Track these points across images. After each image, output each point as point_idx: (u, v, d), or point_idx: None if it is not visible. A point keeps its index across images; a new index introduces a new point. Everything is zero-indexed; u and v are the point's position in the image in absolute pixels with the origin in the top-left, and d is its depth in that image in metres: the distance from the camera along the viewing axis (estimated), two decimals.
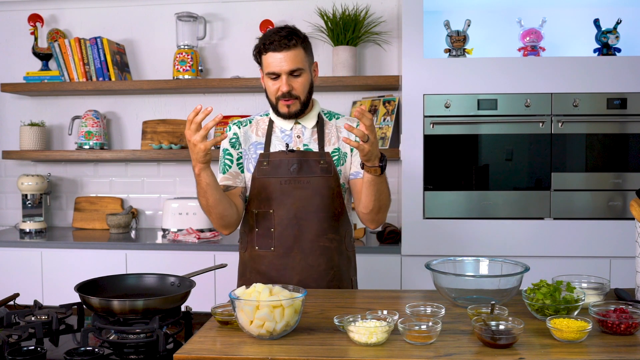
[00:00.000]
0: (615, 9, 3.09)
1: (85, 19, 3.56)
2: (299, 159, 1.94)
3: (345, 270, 2.03)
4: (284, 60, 1.87)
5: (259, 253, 1.97)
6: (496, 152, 2.85)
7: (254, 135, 2.02)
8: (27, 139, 3.43)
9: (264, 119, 2.05)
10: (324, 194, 1.93)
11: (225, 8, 3.48)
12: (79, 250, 3.04)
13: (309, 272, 1.94)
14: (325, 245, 1.95)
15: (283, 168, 1.93)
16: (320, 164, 1.94)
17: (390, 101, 3.19)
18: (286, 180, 1.92)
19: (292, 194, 1.92)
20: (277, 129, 2.00)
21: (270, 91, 1.95)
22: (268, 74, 1.91)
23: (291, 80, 1.90)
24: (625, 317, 1.35)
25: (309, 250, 1.93)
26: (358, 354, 1.25)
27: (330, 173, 1.95)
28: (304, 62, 1.91)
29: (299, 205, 1.92)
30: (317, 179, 1.93)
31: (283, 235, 1.93)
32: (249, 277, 1.99)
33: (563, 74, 2.79)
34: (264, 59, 1.93)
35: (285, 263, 1.94)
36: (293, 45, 1.87)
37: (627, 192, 2.80)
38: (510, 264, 1.68)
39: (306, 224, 1.93)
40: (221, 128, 3.32)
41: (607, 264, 2.79)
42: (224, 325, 1.46)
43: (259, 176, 1.95)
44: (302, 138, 1.98)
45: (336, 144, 1.99)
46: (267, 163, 1.94)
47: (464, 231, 2.83)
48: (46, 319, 1.66)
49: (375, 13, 3.34)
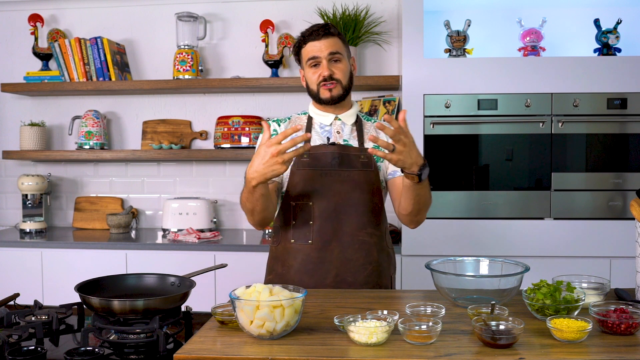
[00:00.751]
0: (615, 9, 3.09)
1: (85, 19, 3.57)
2: (340, 152, 1.93)
3: (386, 267, 2.01)
4: (323, 46, 1.91)
5: (294, 246, 1.94)
6: (496, 152, 2.85)
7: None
8: (27, 139, 3.43)
9: (302, 117, 2.06)
10: (364, 188, 1.93)
11: (225, 8, 3.48)
12: (79, 250, 3.04)
13: (347, 266, 1.91)
14: (365, 239, 1.93)
15: (323, 160, 1.92)
16: (361, 159, 1.94)
17: (391, 101, 3.19)
18: (326, 172, 1.91)
19: (332, 187, 1.91)
20: (317, 124, 2.01)
21: (311, 80, 1.95)
22: (309, 59, 1.93)
23: (331, 65, 1.92)
24: (625, 317, 1.35)
25: (348, 243, 1.91)
26: (358, 354, 1.25)
27: (371, 167, 1.94)
28: (342, 49, 1.95)
29: (339, 198, 1.91)
30: (357, 173, 1.92)
31: (322, 228, 1.91)
32: (281, 272, 1.96)
33: (563, 74, 2.79)
34: (303, 51, 1.95)
35: (323, 256, 1.91)
36: (331, 34, 1.92)
37: (627, 192, 2.80)
38: (510, 264, 1.68)
39: (346, 217, 1.91)
40: (221, 128, 3.32)
41: (607, 264, 2.79)
42: (224, 325, 1.46)
43: (299, 168, 1.93)
44: (342, 134, 1.98)
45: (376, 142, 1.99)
46: (307, 156, 1.93)
47: (464, 231, 2.83)
48: (46, 319, 1.66)
49: (375, 13, 3.34)
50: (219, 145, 3.30)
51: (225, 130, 3.29)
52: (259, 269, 2.88)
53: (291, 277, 1.93)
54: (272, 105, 3.45)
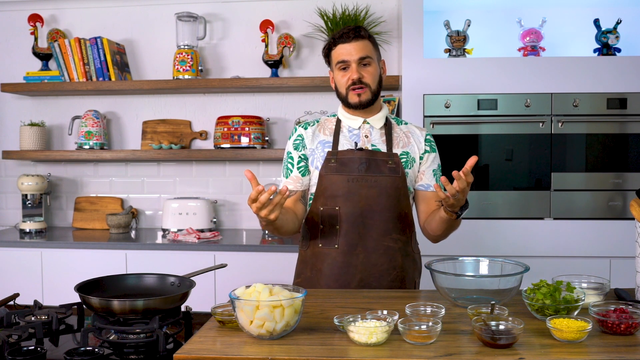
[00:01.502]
0: (615, 9, 3.09)
1: (85, 19, 3.56)
2: (367, 157, 1.93)
3: (410, 272, 2.01)
4: (353, 49, 1.91)
5: (322, 250, 1.95)
6: (496, 152, 2.85)
7: (321, 135, 2.01)
8: (27, 139, 3.43)
9: (331, 119, 2.05)
10: (391, 193, 1.92)
11: (225, 8, 3.48)
12: (79, 250, 3.03)
13: (371, 271, 1.92)
14: (389, 245, 1.94)
15: (351, 166, 1.92)
16: (389, 164, 1.93)
17: (391, 101, 3.19)
18: (354, 178, 1.91)
19: (359, 192, 1.91)
20: (345, 128, 2.00)
21: (340, 83, 1.95)
22: (338, 63, 1.93)
23: (361, 69, 1.92)
24: (625, 317, 1.35)
25: (372, 249, 1.92)
26: (358, 354, 1.25)
27: (398, 173, 1.94)
28: (372, 53, 1.95)
29: (365, 203, 1.91)
30: (384, 179, 1.92)
31: (348, 233, 1.91)
32: (310, 275, 1.96)
33: (563, 74, 2.79)
34: (333, 53, 1.95)
35: (349, 261, 1.92)
36: (361, 37, 1.92)
37: (627, 192, 2.80)
38: (510, 264, 1.68)
39: (371, 222, 1.91)
40: (221, 128, 3.32)
41: (607, 264, 2.79)
42: (224, 325, 1.46)
43: (327, 173, 1.93)
44: (370, 138, 1.98)
45: (405, 148, 1.98)
46: (335, 160, 1.93)
47: (464, 231, 2.82)
48: (46, 319, 1.65)
49: (375, 13, 3.34)
50: (218, 145, 3.30)
51: (225, 130, 3.29)
52: (259, 269, 2.90)
53: (319, 281, 1.95)
54: (272, 105, 3.45)
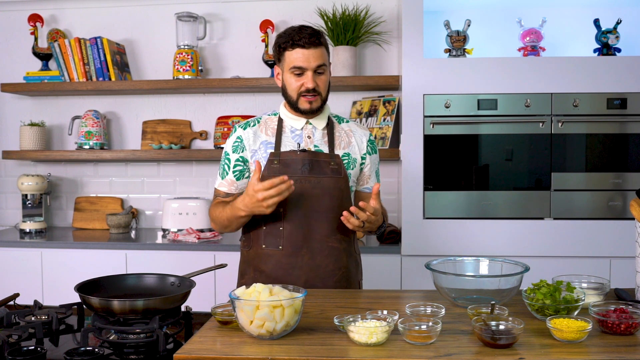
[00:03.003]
0: (615, 9, 3.09)
1: (85, 19, 3.56)
2: (310, 159, 1.94)
3: (354, 273, 2.03)
4: (311, 57, 1.89)
5: (265, 252, 1.95)
6: (496, 152, 2.85)
7: (263, 135, 2.01)
8: (27, 139, 3.43)
9: (273, 118, 2.04)
10: (334, 194, 1.94)
11: (225, 8, 3.48)
12: (79, 250, 3.03)
13: (317, 272, 1.93)
14: (334, 245, 1.95)
15: (294, 167, 1.93)
16: (331, 165, 1.95)
17: (390, 101, 3.19)
18: (297, 179, 1.91)
19: (302, 194, 1.92)
20: (287, 128, 2.00)
21: (292, 87, 1.94)
22: (293, 68, 1.91)
23: (315, 77, 1.91)
24: (625, 317, 1.35)
25: (318, 250, 1.93)
26: (358, 354, 1.25)
27: (341, 174, 1.95)
28: (327, 60, 1.95)
29: (309, 204, 1.92)
30: (327, 180, 1.93)
31: (292, 234, 1.92)
32: (253, 276, 1.97)
33: (563, 74, 2.79)
34: (287, 55, 1.92)
35: (293, 262, 1.92)
36: (320, 44, 1.91)
37: (627, 192, 2.80)
38: (510, 264, 1.68)
39: (316, 223, 1.93)
40: (221, 128, 3.32)
41: (607, 264, 2.79)
42: (224, 325, 1.46)
43: (270, 174, 1.93)
44: (312, 139, 1.98)
45: (346, 149, 2.00)
46: (277, 162, 1.94)
47: (464, 231, 2.83)
48: (46, 319, 1.66)
49: (375, 13, 3.34)
50: (219, 145, 3.30)
51: (225, 130, 3.29)
52: None
53: (262, 282, 1.92)
54: (272, 105, 3.44)
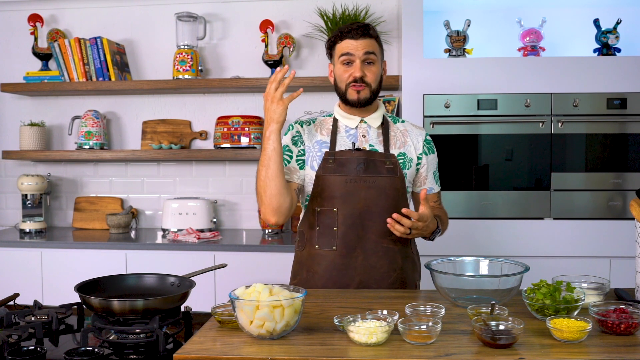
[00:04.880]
0: (615, 9, 3.09)
1: (85, 19, 3.56)
2: (366, 158, 1.92)
3: (410, 274, 2.00)
4: (359, 45, 1.90)
5: (319, 252, 1.93)
6: (496, 152, 2.85)
7: (318, 134, 1.99)
8: (27, 139, 3.43)
9: (328, 119, 2.03)
10: (390, 194, 1.91)
11: (225, 8, 3.48)
12: (79, 250, 3.03)
13: (371, 273, 1.91)
14: (389, 246, 1.92)
15: (349, 166, 1.91)
16: (387, 165, 1.92)
17: (390, 101, 3.19)
18: (352, 178, 1.89)
19: (357, 193, 1.89)
20: (342, 127, 1.99)
21: (341, 78, 1.94)
22: (343, 55, 1.91)
23: (364, 67, 1.91)
24: (625, 317, 1.35)
25: (372, 250, 1.91)
26: (358, 354, 1.25)
27: (396, 174, 1.93)
28: (378, 52, 1.94)
29: (364, 204, 1.89)
30: (383, 179, 1.91)
31: (346, 234, 1.90)
32: (306, 277, 1.94)
33: (563, 74, 2.79)
34: (337, 47, 1.93)
35: (347, 263, 1.90)
36: (370, 35, 1.92)
37: (627, 192, 2.80)
38: (510, 264, 1.68)
39: (370, 223, 1.90)
40: (221, 128, 3.32)
41: (607, 264, 2.79)
42: (224, 325, 1.46)
43: (324, 174, 1.91)
44: (367, 138, 1.97)
45: (402, 148, 1.98)
46: (332, 161, 1.92)
47: (464, 231, 2.83)
48: (46, 319, 1.65)
49: (375, 13, 3.34)
50: (218, 145, 3.30)
51: (225, 130, 3.29)
52: (259, 269, 2.90)
53: (315, 283, 1.93)
54: None
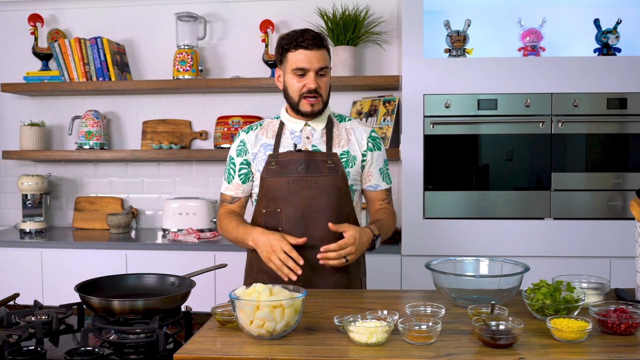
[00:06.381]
0: (615, 9, 3.09)
1: (85, 19, 3.56)
2: (307, 158, 1.95)
3: (355, 272, 2.03)
4: (314, 58, 1.91)
5: None
6: (496, 152, 2.85)
7: (264, 138, 2.04)
8: (27, 139, 3.43)
9: (275, 121, 2.08)
10: (332, 193, 1.94)
11: (225, 8, 3.48)
12: (79, 250, 3.03)
13: (315, 271, 1.93)
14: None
15: (291, 168, 1.95)
16: (328, 164, 1.95)
17: (390, 101, 3.19)
18: (294, 179, 1.93)
19: (299, 193, 1.93)
20: (287, 130, 2.03)
21: (293, 88, 1.96)
22: (295, 69, 1.93)
23: (317, 79, 1.93)
24: (625, 317, 1.35)
25: (316, 249, 1.91)
26: (358, 354, 1.25)
27: (338, 173, 1.96)
28: (328, 63, 1.97)
29: (306, 204, 1.93)
30: (324, 179, 1.94)
31: (290, 234, 1.92)
32: (256, 277, 1.99)
33: (563, 74, 2.79)
34: (290, 56, 1.94)
35: None
36: (322, 46, 1.94)
37: (627, 192, 2.80)
38: (510, 264, 1.68)
39: (313, 223, 1.93)
40: (221, 128, 3.32)
41: (607, 264, 2.79)
42: (224, 325, 1.46)
43: (267, 176, 1.96)
44: (311, 139, 2.00)
45: (345, 147, 2.01)
46: (275, 163, 1.96)
47: (464, 231, 2.83)
48: (46, 319, 1.66)
49: (375, 13, 3.34)
50: (218, 145, 3.30)
51: (225, 130, 3.29)
52: None
53: (264, 282, 1.93)
54: (272, 105, 3.44)
